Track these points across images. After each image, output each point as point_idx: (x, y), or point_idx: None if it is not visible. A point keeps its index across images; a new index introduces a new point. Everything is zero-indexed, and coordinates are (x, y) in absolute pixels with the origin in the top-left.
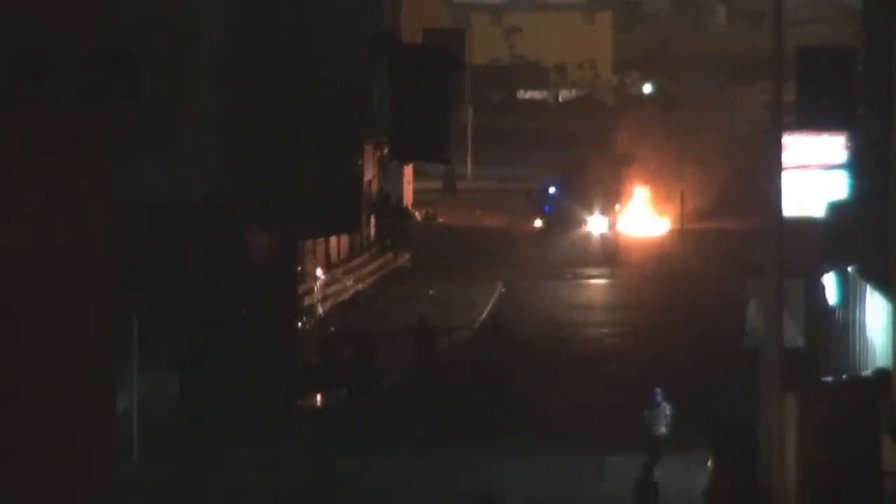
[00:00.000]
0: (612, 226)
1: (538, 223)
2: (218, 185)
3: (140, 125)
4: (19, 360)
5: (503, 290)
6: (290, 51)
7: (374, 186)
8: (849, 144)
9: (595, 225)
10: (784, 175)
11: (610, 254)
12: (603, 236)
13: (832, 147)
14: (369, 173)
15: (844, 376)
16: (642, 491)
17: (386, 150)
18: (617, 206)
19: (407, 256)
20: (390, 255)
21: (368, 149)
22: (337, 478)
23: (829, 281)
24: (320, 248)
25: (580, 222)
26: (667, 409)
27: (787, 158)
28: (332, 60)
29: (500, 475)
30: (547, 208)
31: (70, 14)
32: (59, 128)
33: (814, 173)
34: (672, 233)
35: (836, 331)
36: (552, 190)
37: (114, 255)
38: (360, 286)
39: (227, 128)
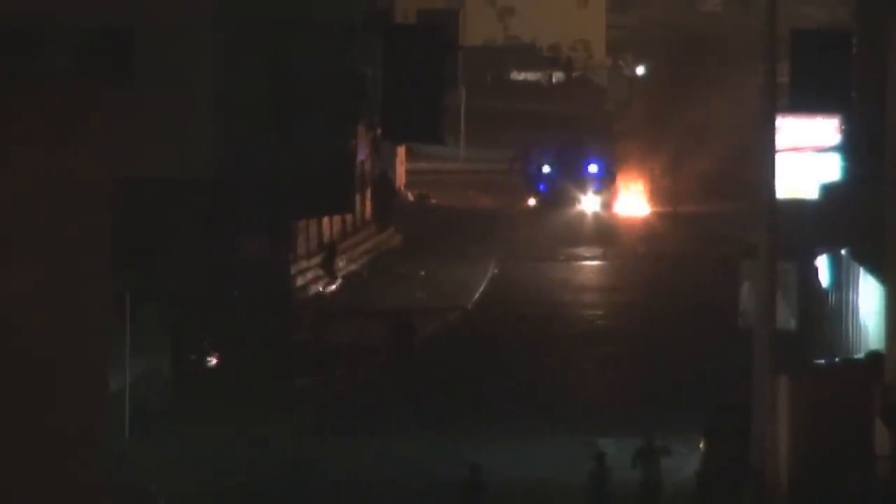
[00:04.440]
0: (609, 206)
1: (532, 201)
2: (211, 163)
3: (133, 102)
4: (11, 336)
5: (495, 270)
6: (284, 29)
7: (368, 166)
8: (842, 127)
9: (588, 204)
10: (778, 157)
11: (605, 234)
12: (596, 215)
13: (826, 130)
14: (363, 153)
15: (837, 359)
16: (597, 481)
17: (379, 131)
18: (614, 187)
19: (400, 237)
20: (384, 235)
21: (361, 129)
22: (326, 458)
23: (822, 263)
24: (313, 228)
25: (574, 201)
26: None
27: (780, 141)
28: (326, 39)
29: (490, 457)
30: (542, 187)
31: None
32: (52, 103)
33: (807, 156)
34: (665, 215)
35: (829, 313)
36: (547, 169)
37: (107, 231)
38: (352, 266)
39: (221, 106)
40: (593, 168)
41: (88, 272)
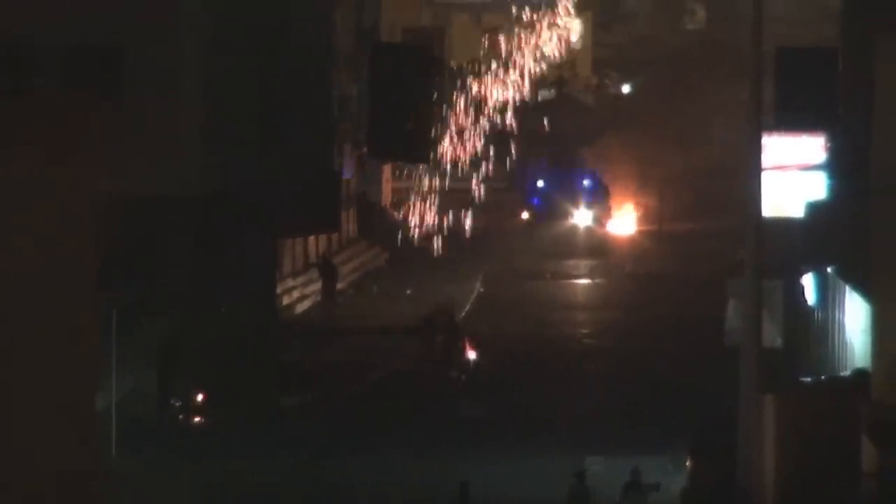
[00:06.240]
0: (601, 221)
1: (525, 215)
2: (197, 182)
3: (120, 120)
4: None
5: (482, 289)
6: (269, 48)
7: (353, 185)
8: (828, 145)
9: (580, 218)
10: (763, 175)
11: (593, 252)
12: (586, 231)
13: (811, 148)
14: (348, 172)
15: (823, 376)
16: (575, 501)
17: (365, 149)
18: (607, 203)
19: (385, 256)
20: (369, 253)
21: (348, 147)
22: (316, 477)
23: (809, 281)
24: (299, 248)
25: (566, 215)
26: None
27: (766, 159)
28: (313, 59)
29: (477, 475)
30: (536, 201)
31: (51, 8)
32: (40, 120)
33: (793, 174)
34: (652, 232)
35: (815, 331)
36: (541, 183)
37: (94, 249)
38: (339, 285)
39: (207, 125)
40: (587, 182)
41: (75, 289)
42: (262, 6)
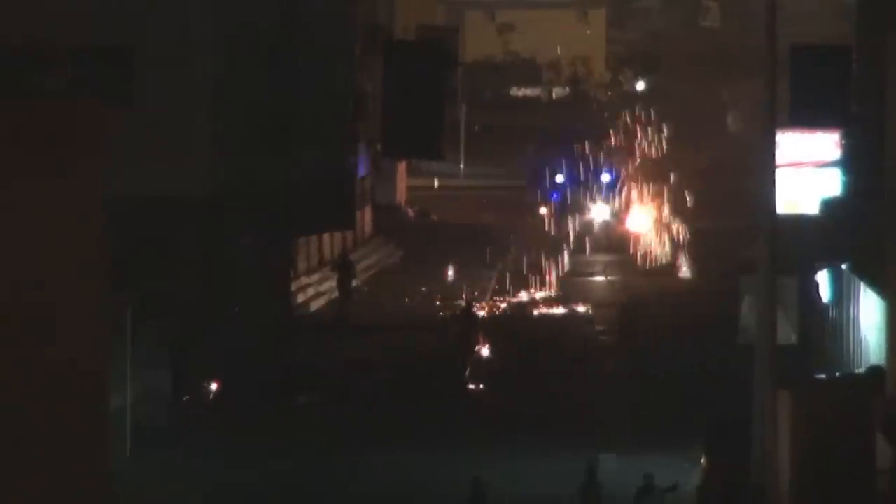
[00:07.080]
0: (619, 216)
1: (543, 210)
2: (211, 180)
3: (132, 120)
4: (11, 356)
5: (496, 286)
6: (283, 46)
7: (368, 183)
8: (842, 142)
9: (598, 213)
10: (778, 173)
11: (609, 248)
12: (603, 227)
13: (826, 145)
14: (364, 170)
15: (838, 373)
16: (587, 495)
17: (379, 147)
18: (627, 199)
19: (401, 253)
20: (384, 251)
21: (362, 145)
22: (325, 475)
23: (823, 278)
24: (314, 245)
25: (585, 210)
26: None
27: (780, 156)
28: (327, 56)
29: (491, 474)
30: (555, 195)
31: (62, 8)
32: (51, 121)
33: (807, 171)
34: (666, 229)
35: (830, 328)
36: (560, 178)
37: (106, 250)
38: (354, 282)
39: (220, 123)
40: (605, 177)
41: (86, 290)
42: (274, 4)
